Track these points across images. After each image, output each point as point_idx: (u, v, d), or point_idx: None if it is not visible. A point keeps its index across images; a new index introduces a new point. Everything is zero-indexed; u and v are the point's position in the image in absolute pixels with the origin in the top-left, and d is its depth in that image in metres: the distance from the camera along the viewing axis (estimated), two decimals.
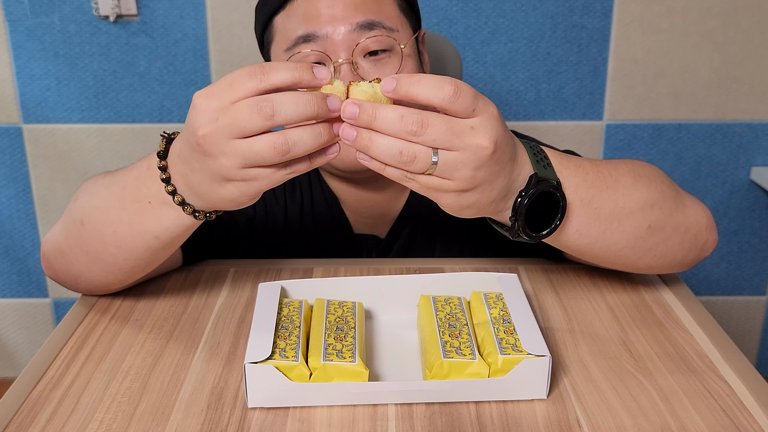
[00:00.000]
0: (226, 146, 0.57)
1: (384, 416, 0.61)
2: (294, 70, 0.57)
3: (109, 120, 1.73)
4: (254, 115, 0.56)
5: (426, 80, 0.57)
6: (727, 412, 0.62)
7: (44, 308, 1.91)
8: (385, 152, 0.58)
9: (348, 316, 0.70)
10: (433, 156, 0.58)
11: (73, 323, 0.76)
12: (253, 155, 0.57)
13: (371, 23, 0.85)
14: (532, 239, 0.68)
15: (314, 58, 0.85)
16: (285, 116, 0.56)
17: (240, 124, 0.56)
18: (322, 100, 0.57)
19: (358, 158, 0.60)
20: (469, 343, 0.65)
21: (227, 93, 0.57)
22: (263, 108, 0.55)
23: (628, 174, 0.73)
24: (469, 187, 0.61)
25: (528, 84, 1.72)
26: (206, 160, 0.60)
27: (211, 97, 0.58)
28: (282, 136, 0.56)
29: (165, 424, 0.60)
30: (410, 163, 0.58)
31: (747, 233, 1.86)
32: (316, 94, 0.57)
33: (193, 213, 0.66)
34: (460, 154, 0.58)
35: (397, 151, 0.58)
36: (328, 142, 0.59)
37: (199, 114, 0.58)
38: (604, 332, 0.74)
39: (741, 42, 1.69)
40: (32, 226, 1.82)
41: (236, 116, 0.56)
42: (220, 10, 1.66)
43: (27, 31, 1.66)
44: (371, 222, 0.96)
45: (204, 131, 0.58)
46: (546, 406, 0.62)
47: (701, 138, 1.77)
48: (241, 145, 0.57)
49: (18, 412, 0.62)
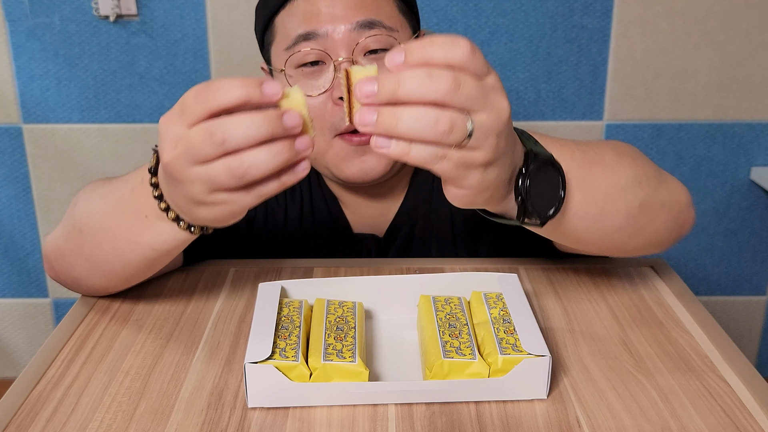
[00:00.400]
0: (188, 172, 0.56)
1: (384, 416, 0.61)
2: (239, 88, 0.52)
3: (109, 120, 1.73)
4: (206, 143, 0.53)
5: (438, 40, 0.51)
6: (727, 412, 0.62)
7: (44, 308, 1.91)
8: (416, 125, 0.50)
9: (348, 316, 0.70)
10: (468, 123, 0.51)
11: (73, 323, 0.76)
12: (212, 181, 0.55)
13: (371, 22, 0.85)
14: (542, 219, 0.63)
15: (314, 57, 0.85)
16: (237, 141, 0.52)
17: (194, 151, 0.54)
18: (277, 119, 0.53)
19: (375, 146, 0.52)
20: (469, 343, 0.65)
21: (180, 117, 0.55)
22: (214, 134, 0.53)
23: (611, 152, 0.73)
24: (493, 157, 0.54)
25: (528, 84, 1.72)
26: (177, 185, 0.59)
27: (169, 122, 0.56)
28: (237, 160, 0.53)
29: (165, 424, 0.60)
30: (448, 134, 0.51)
31: (747, 233, 1.86)
32: (269, 114, 0.53)
33: (189, 228, 0.66)
34: (487, 116, 0.52)
35: (433, 121, 0.50)
36: (290, 161, 0.54)
37: (162, 140, 0.57)
38: (604, 332, 0.74)
39: (741, 42, 1.69)
40: (32, 226, 1.82)
41: (190, 143, 0.54)
42: (220, 10, 1.66)
43: (27, 31, 1.66)
44: (370, 222, 0.96)
45: (166, 158, 0.57)
46: (546, 406, 0.62)
47: (701, 138, 1.77)
48: (200, 172, 0.55)
49: (18, 412, 0.62)
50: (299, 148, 0.54)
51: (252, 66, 1.69)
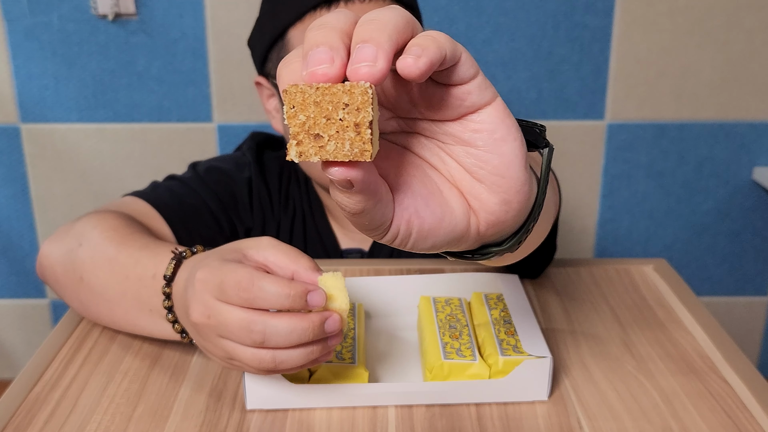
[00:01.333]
0: (214, 340, 0.56)
1: (384, 418, 0.61)
2: (284, 298, 0.53)
3: (108, 119, 1.73)
4: (243, 335, 0.54)
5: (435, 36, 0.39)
6: (729, 414, 0.61)
7: (42, 309, 1.91)
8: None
9: (348, 317, 0.69)
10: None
11: (71, 324, 0.75)
12: (236, 357, 0.56)
13: None
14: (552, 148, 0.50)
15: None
16: (276, 344, 0.53)
17: (228, 333, 0.55)
18: (320, 327, 0.53)
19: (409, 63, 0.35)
20: (469, 344, 0.64)
21: (217, 292, 0.55)
22: (253, 333, 0.53)
23: None
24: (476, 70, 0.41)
25: (529, 83, 1.72)
26: (197, 337, 0.60)
27: (205, 288, 0.56)
28: (270, 355, 0.54)
29: (163, 426, 0.60)
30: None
31: (749, 233, 1.85)
32: (313, 322, 0.53)
33: (191, 341, 0.65)
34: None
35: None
36: (319, 360, 0.56)
37: (194, 300, 0.57)
38: (606, 333, 0.73)
39: (744, 41, 1.69)
40: (30, 226, 1.82)
41: (226, 324, 0.54)
42: (220, 9, 1.65)
43: (25, 30, 1.66)
44: (358, 236, 0.97)
45: (195, 320, 0.57)
46: (547, 407, 0.62)
47: (703, 138, 1.77)
48: (227, 345, 0.56)
49: (15, 414, 0.62)
50: (331, 344, 0.56)
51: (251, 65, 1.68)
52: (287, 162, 0.98)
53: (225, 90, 1.71)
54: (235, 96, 1.72)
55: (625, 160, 1.77)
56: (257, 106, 1.72)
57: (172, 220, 0.85)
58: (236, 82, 1.70)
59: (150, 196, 0.87)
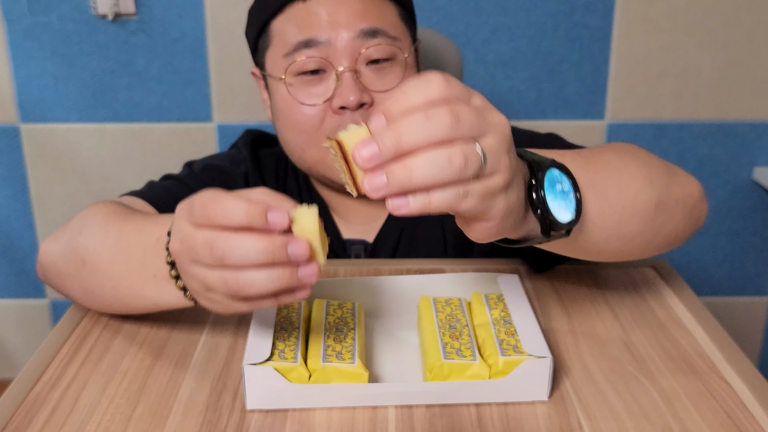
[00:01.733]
0: (188, 268, 0.56)
1: (384, 418, 0.61)
2: (243, 214, 0.51)
3: (108, 119, 1.73)
4: (206, 252, 0.53)
5: (409, 85, 0.49)
6: (729, 414, 0.61)
7: (42, 309, 1.91)
8: (430, 171, 0.47)
9: (347, 317, 0.69)
10: (478, 149, 0.48)
11: (70, 324, 0.75)
12: (208, 285, 0.55)
13: (375, 31, 0.84)
14: (568, 227, 0.59)
15: (314, 65, 0.84)
16: (234, 261, 0.52)
17: (195, 254, 0.54)
18: (280, 248, 0.51)
19: (393, 208, 0.48)
20: (469, 344, 0.64)
21: (188, 216, 0.55)
22: (214, 248, 0.53)
23: (614, 154, 0.69)
24: (510, 175, 0.51)
25: (529, 83, 1.72)
26: (182, 274, 0.60)
27: (181, 214, 0.56)
28: (233, 276, 0.53)
29: (163, 426, 0.60)
30: (465, 168, 0.47)
31: (749, 233, 1.86)
32: (273, 241, 0.51)
33: (194, 299, 0.63)
34: (492, 138, 0.49)
35: (446, 161, 0.47)
36: (289, 286, 0.53)
37: (174, 228, 0.58)
38: (606, 333, 0.73)
39: (744, 41, 1.69)
40: (30, 226, 1.82)
41: (193, 246, 0.54)
42: (219, 9, 1.66)
43: (25, 30, 1.66)
44: (359, 227, 0.96)
45: (173, 247, 0.58)
46: (547, 407, 0.62)
47: (703, 138, 1.77)
48: (199, 272, 0.55)
49: (15, 414, 0.62)
50: (302, 276, 0.53)
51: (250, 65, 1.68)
52: (283, 158, 0.98)
53: (224, 90, 1.71)
54: (235, 96, 1.72)
55: None
56: (257, 106, 1.72)
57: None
58: (236, 82, 1.70)
59: (147, 195, 0.88)
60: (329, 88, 0.84)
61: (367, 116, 0.84)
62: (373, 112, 0.85)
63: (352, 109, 0.84)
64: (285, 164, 0.98)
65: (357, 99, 0.83)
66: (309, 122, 0.86)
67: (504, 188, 0.51)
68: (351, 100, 0.83)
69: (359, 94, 0.83)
